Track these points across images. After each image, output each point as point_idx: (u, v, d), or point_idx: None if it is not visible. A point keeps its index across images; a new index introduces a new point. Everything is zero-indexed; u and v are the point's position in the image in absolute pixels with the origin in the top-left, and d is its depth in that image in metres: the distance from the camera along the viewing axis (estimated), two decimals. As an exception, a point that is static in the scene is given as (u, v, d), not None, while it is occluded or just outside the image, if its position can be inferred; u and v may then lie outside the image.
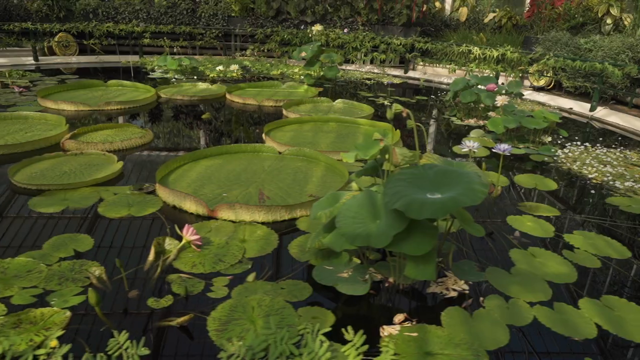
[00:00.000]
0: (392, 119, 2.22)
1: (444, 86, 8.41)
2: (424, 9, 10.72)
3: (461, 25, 11.42)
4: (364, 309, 2.07)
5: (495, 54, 7.65)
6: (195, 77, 7.70)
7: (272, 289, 2.14)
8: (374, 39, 9.35)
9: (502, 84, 6.13)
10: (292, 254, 2.45)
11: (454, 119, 5.70)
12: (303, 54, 7.39)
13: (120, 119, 5.20)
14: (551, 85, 8.34)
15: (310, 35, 9.53)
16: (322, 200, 2.32)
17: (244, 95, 6.33)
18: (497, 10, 11.47)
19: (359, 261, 2.36)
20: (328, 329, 1.82)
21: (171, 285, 2.13)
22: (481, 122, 5.52)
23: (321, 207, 2.27)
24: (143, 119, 5.23)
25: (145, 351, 1.65)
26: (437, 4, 11.48)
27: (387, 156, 2.38)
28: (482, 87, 5.53)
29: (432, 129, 5.41)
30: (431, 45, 8.70)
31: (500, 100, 4.65)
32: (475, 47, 7.97)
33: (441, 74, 9.14)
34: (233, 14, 10.67)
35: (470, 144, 3.27)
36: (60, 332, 1.74)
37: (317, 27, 9.10)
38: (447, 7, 11.98)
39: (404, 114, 2.06)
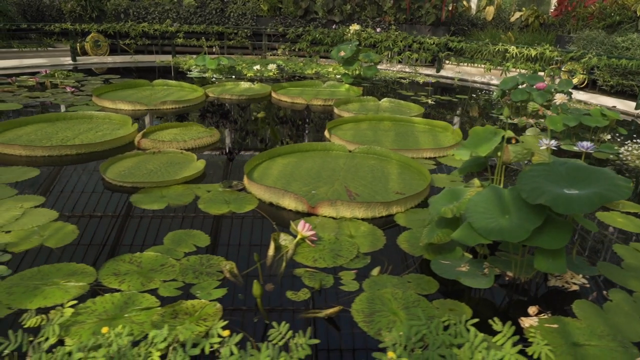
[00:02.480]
0: (507, 117, 2.27)
1: (478, 85, 8.46)
2: (452, 9, 10.76)
3: (488, 24, 11.45)
4: (492, 301, 2.13)
5: (533, 52, 7.68)
6: (233, 77, 7.76)
7: (399, 282, 2.20)
8: (406, 38, 9.39)
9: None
10: (403, 249, 2.52)
11: (502, 117, 5.74)
12: (342, 54, 7.44)
13: (171, 118, 5.27)
14: (584, 84, 8.36)
15: (344, 34, 9.58)
16: (439, 196, 2.38)
17: (289, 95, 6.39)
18: (524, 9, 11.49)
19: (470, 256, 2.42)
20: (475, 320, 1.88)
21: (302, 278, 2.20)
22: (531, 121, 5.56)
23: (441, 203, 2.33)
24: (201, 118, 5.30)
25: (314, 341, 1.71)
26: (465, 3, 11.51)
27: (499, 153, 2.44)
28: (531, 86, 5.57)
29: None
30: (465, 44, 8.73)
31: (559, 98, 4.69)
32: (512, 46, 8.00)
33: (472, 73, 9.17)
34: (261, 14, 10.74)
35: (548, 142, 3.32)
36: (222, 323, 1.81)
37: (355, 27, 9.15)
38: (473, 6, 12.01)
39: (540, 112, 2.11)
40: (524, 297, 2.17)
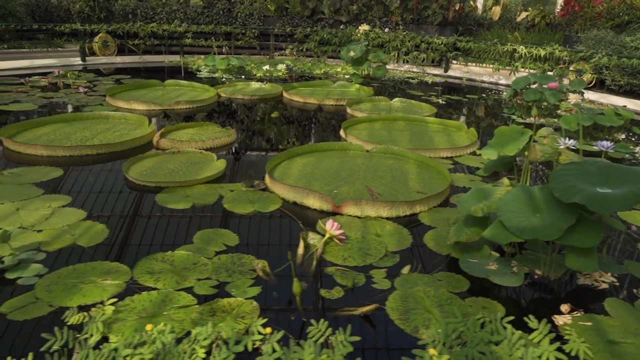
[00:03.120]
0: (535, 116, 2.29)
1: (486, 85, 8.47)
2: (459, 9, 10.78)
3: (494, 24, 11.46)
4: (523, 299, 2.15)
5: (543, 52, 7.70)
6: (243, 77, 7.79)
7: (430, 280, 2.22)
8: (414, 37, 9.41)
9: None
10: (430, 247, 2.54)
11: (514, 117, 5.76)
12: (352, 54, 7.46)
13: (185, 118, 5.29)
14: (592, 84, 8.37)
15: (352, 35, 9.60)
16: (468, 195, 2.40)
17: (301, 95, 6.41)
18: (530, 9, 11.51)
19: (497, 254, 2.44)
20: (511, 318, 1.89)
21: (333, 277, 2.22)
22: (543, 120, 5.57)
23: (470, 202, 2.35)
24: (216, 118, 5.32)
25: (355, 338, 1.73)
26: (471, 3, 11.53)
27: (526, 153, 2.46)
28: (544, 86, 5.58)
29: (496, 126, 5.46)
30: (474, 44, 8.75)
31: (574, 98, 4.71)
32: (521, 46, 8.01)
33: (479, 73, 9.18)
34: (268, 14, 10.77)
35: (567, 142, 3.34)
36: (262, 320, 1.82)
37: (364, 27, 9.17)
38: (479, 6, 12.03)
39: (573, 112, 2.14)
40: (555, 295, 2.19)
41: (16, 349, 1.68)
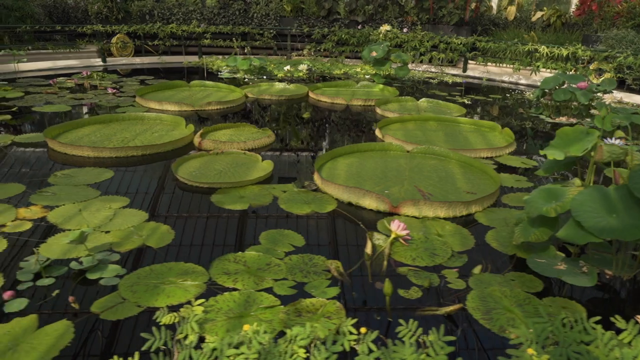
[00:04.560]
0: (604, 116, 2.30)
1: (506, 84, 8.47)
2: (475, 8, 10.78)
3: (509, 24, 11.46)
4: (600, 299, 2.16)
5: (565, 52, 7.70)
6: (264, 77, 7.80)
7: (503, 280, 2.23)
8: (433, 38, 9.42)
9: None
10: (494, 247, 2.54)
11: (542, 117, 5.76)
12: (374, 54, 7.47)
13: (218, 118, 5.30)
14: (612, 83, 8.35)
15: (370, 35, 9.62)
16: (535, 195, 2.41)
17: (327, 95, 6.42)
18: (545, 8, 11.50)
19: (563, 254, 2.45)
20: (597, 318, 1.90)
21: (407, 277, 2.23)
22: (573, 120, 5.57)
23: (539, 203, 2.35)
24: (249, 119, 5.33)
25: (450, 338, 1.74)
26: (487, 2, 11.53)
27: (592, 153, 2.47)
28: (573, 86, 5.58)
29: (526, 126, 5.46)
30: (493, 44, 8.75)
31: (608, 98, 4.71)
32: (542, 46, 8.02)
33: (497, 73, 9.17)
34: (284, 14, 10.78)
35: (614, 141, 3.34)
36: (352, 321, 1.83)
37: (385, 27, 9.18)
38: (494, 6, 12.03)
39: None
40: (631, 295, 2.19)
41: (115, 349, 1.69)
